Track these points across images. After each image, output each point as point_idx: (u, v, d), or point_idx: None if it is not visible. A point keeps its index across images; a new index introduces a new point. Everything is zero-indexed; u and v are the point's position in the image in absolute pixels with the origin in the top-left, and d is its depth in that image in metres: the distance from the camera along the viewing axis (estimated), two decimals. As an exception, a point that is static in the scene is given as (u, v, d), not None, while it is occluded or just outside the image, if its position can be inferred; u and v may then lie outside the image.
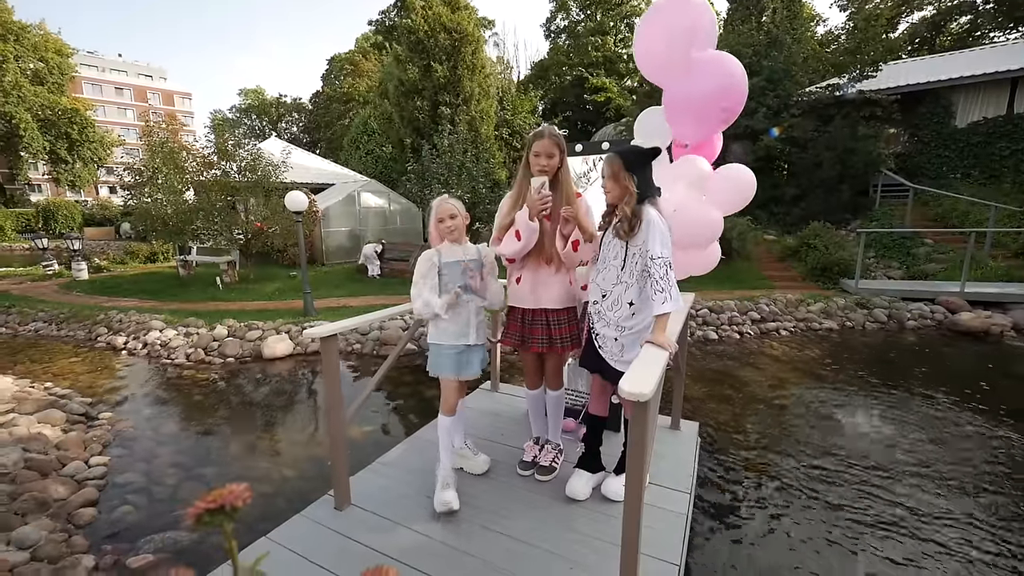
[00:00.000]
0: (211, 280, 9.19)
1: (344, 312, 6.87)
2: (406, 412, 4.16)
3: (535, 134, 2.04)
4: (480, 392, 3.46)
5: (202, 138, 9.48)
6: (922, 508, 2.67)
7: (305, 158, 17.17)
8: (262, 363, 5.36)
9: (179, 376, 5.02)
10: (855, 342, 5.99)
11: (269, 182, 9.23)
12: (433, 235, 2.11)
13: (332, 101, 31.94)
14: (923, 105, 11.39)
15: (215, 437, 3.67)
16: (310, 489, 2.82)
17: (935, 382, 4.52)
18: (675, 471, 2.41)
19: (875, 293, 7.21)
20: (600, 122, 20.46)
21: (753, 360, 5.32)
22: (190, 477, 3.08)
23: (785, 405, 4.08)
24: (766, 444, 3.41)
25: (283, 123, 39.40)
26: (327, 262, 11.42)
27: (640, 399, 1.22)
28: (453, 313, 2.06)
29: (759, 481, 2.95)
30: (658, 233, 1.75)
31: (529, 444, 2.46)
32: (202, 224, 8.91)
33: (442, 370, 2.09)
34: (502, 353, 4.28)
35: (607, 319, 1.93)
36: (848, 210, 10.73)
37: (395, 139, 15.52)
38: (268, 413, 4.10)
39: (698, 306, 6.63)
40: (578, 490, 2.15)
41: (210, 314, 6.81)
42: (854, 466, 3.09)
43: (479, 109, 14.19)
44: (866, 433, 3.56)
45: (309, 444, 3.53)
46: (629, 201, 1.81)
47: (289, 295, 8.25)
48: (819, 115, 10.72)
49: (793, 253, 9.25)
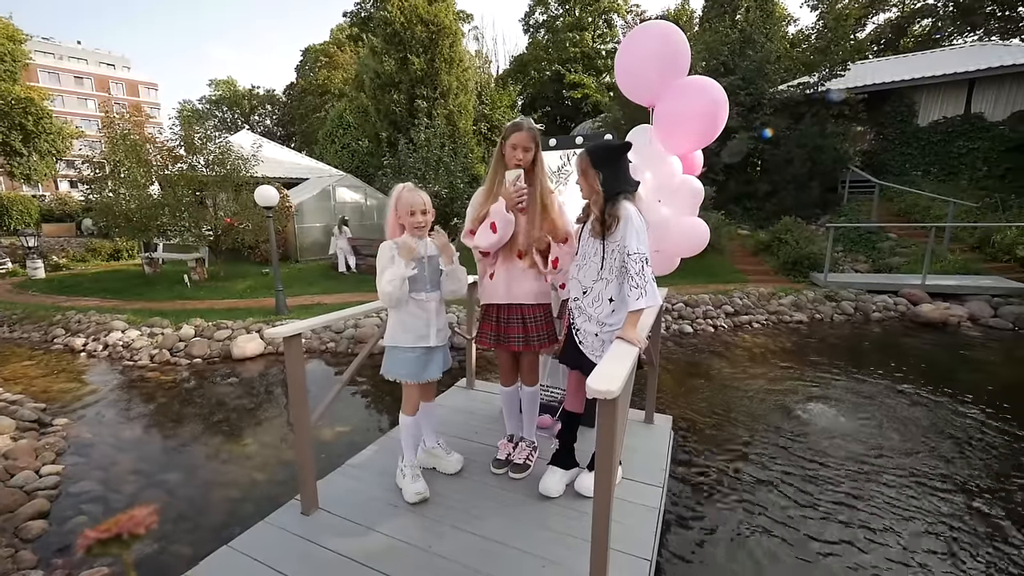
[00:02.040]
0: (178, 278, 8.89)
1: (318, 310, 6.73)
2: (380, 411, 4.09)
3: (512, 125, 2.01)
4: (455, 389, 3.42)
5: (167, 130, 9.10)
6: (889, 495, 2.76)
7: (278, 152, 16.74)
8: (231, 364, 5.21)
9: (142, 379, 4.83)
10: (824, 333, 6.16)
11: (239, 176, 8.96)
12: (393, 227, 1.99)
13: (306, 93, 31.20)
14: (888, 104, 11.78)
15: (180, 442, 3.54)
16: (280, 493, 2.75)
17: (898, 371, 4.69)
18: (648, 465, 2.42)
19: (843, 286, 7.44)
20: (579, 118, 20.54)
21: (727, 352, 5.42)
22: (152, 484, 2.96)
23: (758, 397, 4.16)
24: (740, 436, 3.47)
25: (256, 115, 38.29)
26: (301, 259, 11.18)
27: (608, 396, 1.21)
28: (411, 314, 1.99)
29: (734, 474, 2.99)
30: (634, 229, 1.74)
31: (503, 442, 2.44)
32: (168, 220, 8.60)
33: (398, 374, 2.02)
34: (478, 349, 4.24)
35: (588, 315, 1.92)
36: (818, 205, 11.04)
37: (371, 133, 15.24)
38: (237, 415, 3.98)
39: (673, 300, 6.71)
40: (551, 487, 2.14)
41: (177, 313, 6.58)
42: (827, 455, 3.17)
43: (457, 103, 14.03)
44: (836, 421, 3.66)
45: (280, 446, 3.44)
46: (596, 200, 1.79)
47: (261, 293, 8.05)
48: (790, 113, 10.98)
49: (766, 247, 9.47)
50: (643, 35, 2.40)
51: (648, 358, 2.70)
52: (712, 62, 10.65)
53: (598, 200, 1.79)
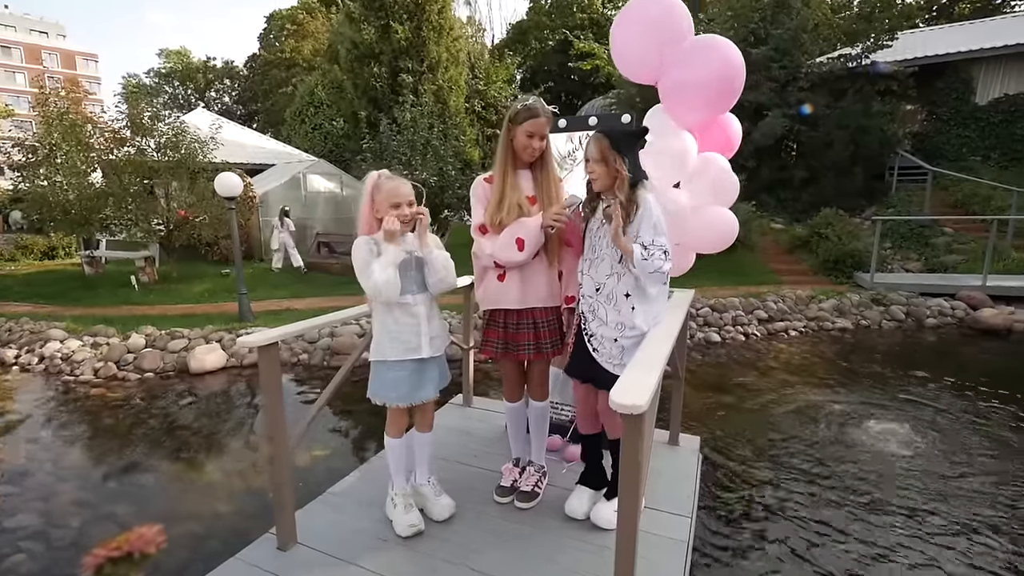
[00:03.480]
0: (125, 280, 8.88)
1: (287, 317, 6.73)
2: (363, 432, 4.10)
3: (526, 110, 2.00)
4: (450, 407, 3.44)
5: (112, 108, 9.11)
6: (962, 547, 2.78)
7: (239, 133, 16.76)
8: (189, 378, 5.22)
9: (86, 396, 4.83)
10: (871, 342, 6.22)
11: (195, 162, 8.98)
12: (369, 221, 1.97)
13: (271, 66, 31.24)
14: (942, 79, 11.89)
15: (131, 468, 3.53)
16: (250, 528, 2.73)
17: (960, 385, 4.73)
18: (674, 492, 2.45)
19: (891, 288, 7.50)
20: (587, 94, 20.62)
21: (760, 364, 5.46)
22: (99, 517, 2.95)
23: (797, 416, 4.20)
24: (777, 460, 3.50)
25: (212, 91, 38.32)
26: (267, 257, 11.17)
27: (634, 411, 1.23)
28: (397, 321, 1.99)
29: (770, 503, 3.02)
30: (651, 219, 1.83)
31: (508, 466, 2.46)
32: (113, 212, 8.61)
33: (387, 396, 2.00)
34: (475, 360, 4.26)
35: (603, 317, 1.95)
36: (862, 195, 11.13)
37: (347, 112, 15.27)
38: (197, 438, 3.98)
39: (698, 304, 6.76)
40: (577, 508, 2.19)
41: (124, 320, 6.58)
42: (877, 487, 3.20)
43: (447, 78, 14.09)
44: (890, 449, 3.68)
45: (248, 474, 3.44)
46: (621, 186, 1.85)
47: (221, 297, 8.05)
48: (830, 89, 11.07)
49: (803, 244, 9.54)
50: (637, 5, 2.44)
51: (672, 370, 2.73)
52: (740, 30, 10.73)
53: (623, 185, 1.84)
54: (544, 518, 2.22)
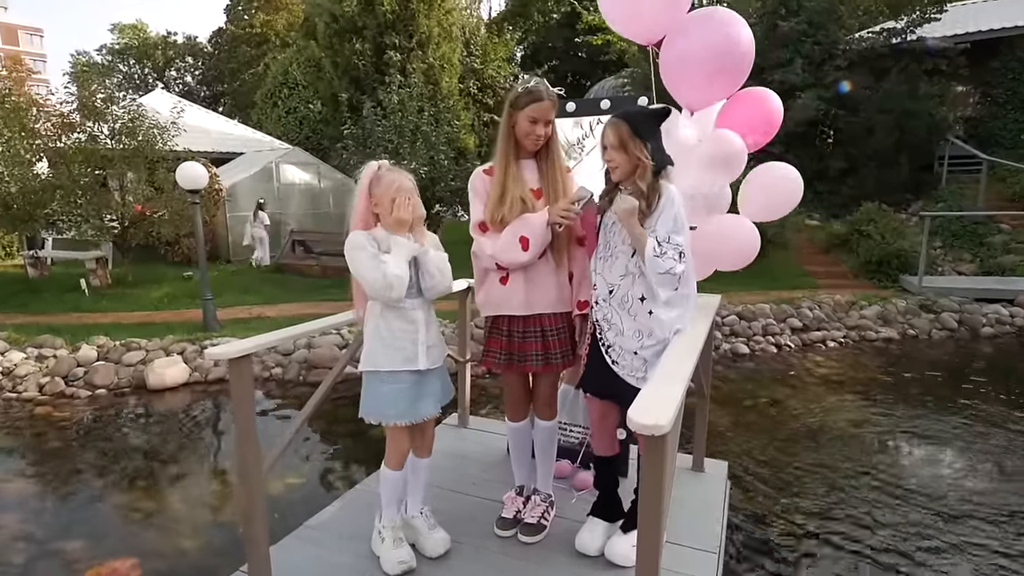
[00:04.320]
0: (73, 283, 8.87)
1: (258, 326, 6.74)
2: (345, 457, 4.09)
3: (527, 93, 2.01)
4: (444, 428, 3.44)
5: (60, 90, 9.15)
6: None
7: (204, 118, 16.81)
8: (147, 395, 5.22)
9: (30, 415, 4.83)
10: (919, 354, 6.22)
11: (154, 150, 8.99)
12: (365, 216, 1.98)
13: (240, 42, 31.35)
14: (997, 58, 11.93)
15: (82, 498, 3.53)
16: (219, 565, 2.77)
17: (1022, 404, 4.74)
18: (699, 525, 2.45)
19: (942, 293, 7.52)
20: (596, 73, 20.68)
21: (794, 380, 5.47)
22: (46, 554, 2.96)
23: (837, 439, 4.20)
24: (813, 490, 3.50)
25: (173, 70, 38.41)
26: (234, 258, 11.20)
27: (656, 432, 1.24)
28: (391, 329, 1.98)
29: (805, 535, 3.02)
30: (671, 211, 1.85)
31: (510, 495, 2.46)
32: (60, 207, 8.62)
33: (384, 414, 1.99)
34: (473, 375, 4.27)
35: (618, 325, 1.96)
36: (908, 188, 11.16)
37: (326, 94, 15.31)
38: (157, 464, 3.97)
39: (724, 312, 6.77)
40: (589, 544, 2.17)
41: (73, 330, 6.58)
42: (929, 524, 3.20)
43: (438, 55, 14.14)
44: (942, 477, 3.68)
45: (215, 505, 3.45)
46: (643, 175, 1.87)
47: (182, 303, 8.04)
48: (871, 68, 11.12)
49: (842, 243, 9.56)
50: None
51: (696, 386, 2.73)
52: (768, 0, 10.80)
53: (645, 174, 1.86)
54: (552, 554, 2.21)
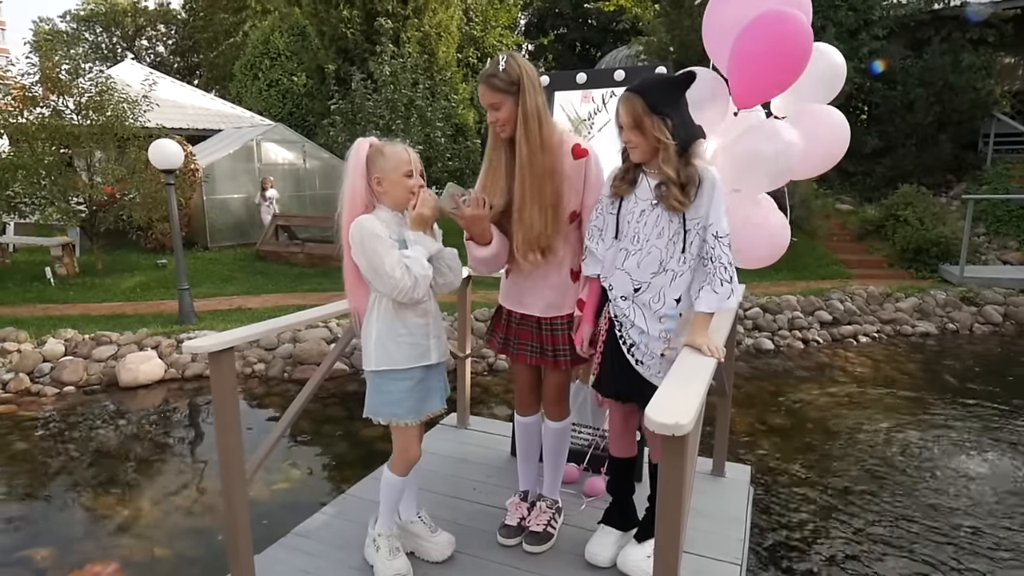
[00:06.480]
0: (38, 272, 8.90)
1: (238, 318, 6.75)
2: (334, 460, 4.12)
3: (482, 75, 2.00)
4: (441, 429, 3.44)
5: (21, 60, 9.13)
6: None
7: (178, 91, 16.75)
8: (119, 393, 5.25)
9: (-9, 414, 4.87)
10: (960, 351, 6.21)
11: (124, 127, 8.97)
12: (365, 197, 1.93)
13: (216, 9, 31.19)
14: (1049, 25, 11.83)
15: (48, 504, 3.56)
16: None
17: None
18: (720, 534, 2.45)
19: (986, 283, 7.49)
20: (608, 42, 20.56)
21: (823, 378, 5.46)
22: (10, 564, 2.98)
23: (870, 443, 4.20)
24: (844, 497, 3.50)
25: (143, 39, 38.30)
26: (212, 244, 11.19)
27: (677, 432, 1.23)
28: (406, 323, 1.98)
29: (833, 545, 3.03)
30: (719, 200, 1.80)
31: (514, 501, 2.46)
32: (23, 189, 8.62)
33: (394, 413, 2.00)
34: (473, 374, 4.28)
35: (643, 325, 1.92)
36: (950, 169, 11.11)
37: (311, 65, 15.27)
38: (130, 467, 3.99)
39: (746, 304, 6.76)
40: (600, 554, 2.17)
41: (38, 322, 6.60)
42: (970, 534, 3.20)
43: (435, 22, 14.06)
44: (985, 485, 3.68)
45: (193, 510, 3.47)
46: (667, 158, 1.79)
47: (156, 293, 8.07)
48: (911, 38, 11.03)
49: (876, 229, 9.52)
50: None
51: (717, 384, 2.73)
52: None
53: (669, 156, 1.78)
54: (559, 564, 2.22)
